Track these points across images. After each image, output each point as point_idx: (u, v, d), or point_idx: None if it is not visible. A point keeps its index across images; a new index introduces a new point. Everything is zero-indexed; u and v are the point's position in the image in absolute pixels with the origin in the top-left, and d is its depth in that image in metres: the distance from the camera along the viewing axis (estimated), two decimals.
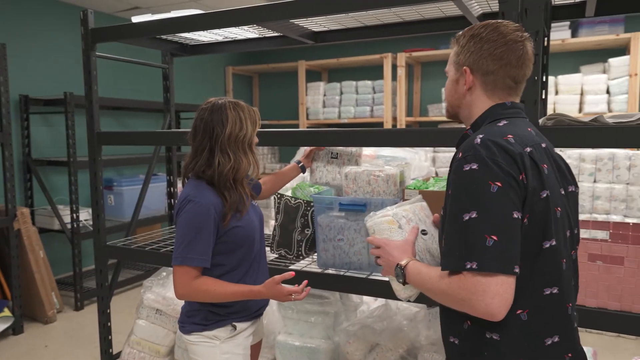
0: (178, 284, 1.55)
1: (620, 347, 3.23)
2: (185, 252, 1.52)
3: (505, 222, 1.00)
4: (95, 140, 2.48)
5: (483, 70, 1.17)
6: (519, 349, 1.06)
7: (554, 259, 1.07)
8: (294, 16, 2.00)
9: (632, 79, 4.17)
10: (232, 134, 1.57)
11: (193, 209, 1.53)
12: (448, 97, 1.27)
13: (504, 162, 1.03)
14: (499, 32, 1.15)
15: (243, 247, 1.63)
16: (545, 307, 1.07)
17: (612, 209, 3.34)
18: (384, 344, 2.04)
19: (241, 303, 1.63)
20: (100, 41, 2.43)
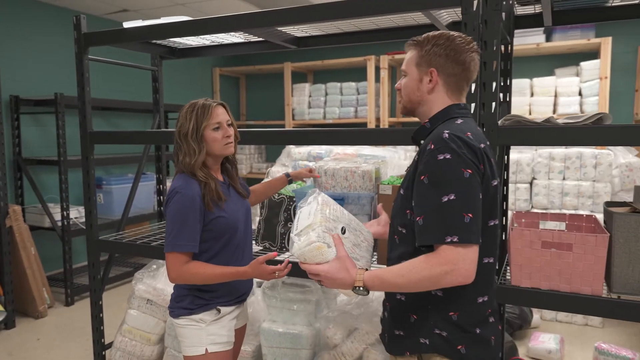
0: (170, 269, 1.70)
1: (586, 335, 3.42)
2: (175, 240, 1.67)
3: (477, 202, 1.22)
4: (88, 139, 2.60)
5: (448, 72, 1.35)
6: (457, 304, 1.29)
7: (493, 235, 1.31)
8: (277, 24, 2.15)
9: (602, 81, 4.38)
10: (182, 129, 1.74)
11: (179, 199, 1.68)
12: (409, 94, 1.41)
13: (469, 154, 1.23)
14: (458, 42, 1.34)
15: (226, 236, 1.77)
16: (481, 272, 1.27)
17: (579, 204, 3.53)
18: (361, 328, 2.19)
19: (225, 288, 1.78)
20: (92, 45, 2.55)
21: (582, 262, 1.70)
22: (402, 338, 1.36)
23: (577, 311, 1.74)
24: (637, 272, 1.69)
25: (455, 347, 1.29)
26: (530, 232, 1.76)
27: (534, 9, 2.15)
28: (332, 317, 2.26)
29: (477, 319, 1.31)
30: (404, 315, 1.35)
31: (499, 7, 1.73)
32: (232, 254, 1.81)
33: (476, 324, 1.31)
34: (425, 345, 1.31)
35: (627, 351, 2.74)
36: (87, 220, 2.66)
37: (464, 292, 1.27)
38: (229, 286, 1.79)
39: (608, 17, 2.10)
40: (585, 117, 1.73)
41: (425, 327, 1.31)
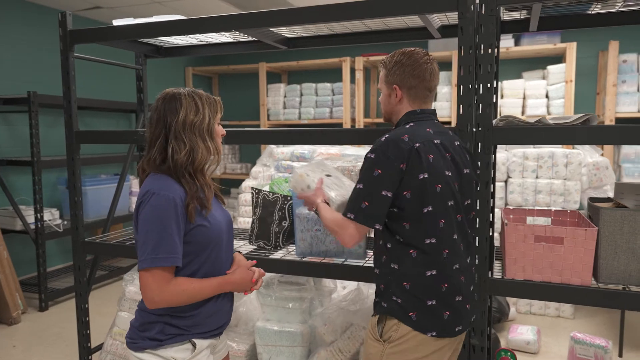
0: (152, 290, 1.37)
1: (560, 326, 3.59)
2: (155, 252, 1.36)
3: (376, 195, 1.50)
4: (74, 139, 2.54)
5: (408, 86, 1.64)
6: (409, 276, 1.53)
7: (431, 220, 1.52)
8: (273, 24, 2.16)
9: (567, 84, 4.60)
10: (187, 119, 1.45)
11: (157, 202, 1.38)
12: (384, 107, 1.73)
13: (392, 155, 1.49)
14: (414, 58, 1.63)
15: (207, 250, 1.48)
16: (426, 251, 1.52)
17: (552, 202, 3.70)
18: (357, 324, 2.24)
19: (202, 316, 1.49)
20: (79, 42, 2.50)
21: (573, 254, 1.81)
22: (377, 302, 1.62)
23: (568, 301, 1.84)
24: (622, 263, 1.80)
25: (407, 314, 1.52)
26: (524, 227, 1.85)
27: (520, 15, 2.25)
28: (328, 313, 2.30)
29: (430, 292, 1.52)
30: (378, 284, 1.62)
31: (494, 12, 1.81)
32: (215, 273, 1.52)
33: (428, 295, 1.52)
34: (385, 308, 1.56)
35: (600, 340, 2.90)
36: (72, 221, 2.60)
37: (414, 267, 1.53)
38: (207, 313, 1.50)
39: (588, 24, 2.22)
40: (574, 118, 1.83)
41: (387, 293, 1.56)
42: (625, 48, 4.61)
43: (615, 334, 3.35)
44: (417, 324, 1.51)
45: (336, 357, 2.23)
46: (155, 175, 1.46)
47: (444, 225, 1.53)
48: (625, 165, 4.44)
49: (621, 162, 4.50)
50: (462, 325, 1.57)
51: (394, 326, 1.54)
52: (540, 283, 1.83)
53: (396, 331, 1.54)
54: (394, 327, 1.54)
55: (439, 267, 1.52)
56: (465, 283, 1.58)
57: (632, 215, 1.78)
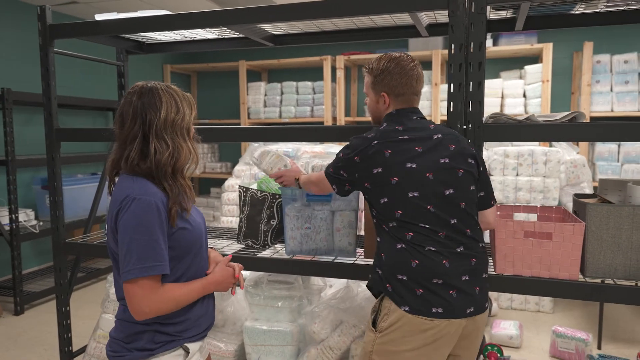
0: (140, 302, 1.30)
1: (540, 320, 3.67)
2: (141, 262, 1.29)
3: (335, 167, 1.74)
4: (54, 136, 2.47)
5: (396, 93, 1.72)
6: (396, 266, 1.60)
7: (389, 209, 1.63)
8: (263, 21, 2.14)
9: (544, 84, 4.70)
10: (169, 118, 1.37)
11: (139, 208, 1.30)
12: (372, 112, 1.83)
13: (351, 146, 1.70)
14: (402, 65, 1.70)
15: (191, 253, 1.43)
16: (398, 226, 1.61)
17: (532, 199, 3.77)
18: (347, 321, 2.23)
19: (192, 319, 1.45)
20: (59, 37, 2.42)
21: (561, 249, 1.84)
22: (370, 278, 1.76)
23: (557, 295, 1.87)
24: (608, 257, 1.85)
25: (385, 285, 1.62)
26: (514, 223, 1.88)
27: (506, 14, 2.28)
28: (318, 312, 2.29)
29: (400, 266, 1.59)
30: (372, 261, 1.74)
31: (484, 11, 1.83)
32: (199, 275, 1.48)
33: (399, 269, 1.59)
34: (370, 280, 1.71)
35: (581, 333, 2.97)
36: (53, 221, 2.52)
37: (390, 238, 1.63)
38: (196, 316, 1.46)
39: (571, 23, 2.26)
40: (562, 115, 1.87)
41: (374, 266, 1.70)
42: (598, 49, 4.74)
43: (592, 326, 3.45)
44: (392, 296, 1.59)
45: (327, 355, 2.22)
46: (129, 177, 1.37)
47: (402, 215, 1.60)
48: (599, 163, 4.56)
49: (595, 160, 4.62)
50: (442, 309, 1.54)
51: (384, 316, 1.60)
52: (530, 278, 1.86)
53: (385, 320, 1.59)
54: (384, 317, 1.60)
55: (406, 243, 1.60)
56: (450, 269, 1.57)
57: (617, 211, 1.82)
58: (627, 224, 1.81)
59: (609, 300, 1.81)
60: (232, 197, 4.06)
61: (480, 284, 1.63)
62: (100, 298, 4.17)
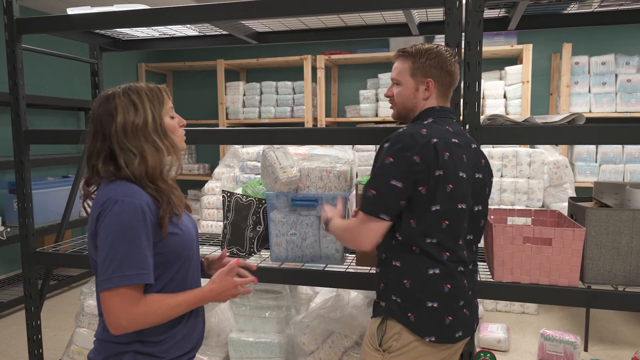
0: (118, 313, 1.18)
1: (525, 322, 3.65)
2: (121, 270, 1.17)
3: (384, 184, 1.42)
4: (23, 139, 2.31)
5: (441, 82, 1.55)
6: (411, 273, 1.47)
7: (435, 219, 1.44)
8: (248, 17, 2.03)
9: (524, 85, 4.71)
10: (127, 123, 1.25)
11: (121, 210, 1.20)
12: (404, 102, 1.59)
13: (406, 145, 1.41)
14: (447, 54, 1.54)
15: (180, 260, 1.32)
16: (428, 250, 1.46)
17: (516, 200, 3.76)
18: (338, 332, 2.14)
19: (177, 338, 1.33)
20: (26, 32, 2.26)
21: (560, 255, 1.79)
22: (376, 304, 1.57)
23: (556, 303, 1.82)
24: (607, 263, 1.80)
25: (405, 314, 1.46)
26: (513, 228, 1.82)
27: (499, 13, 2.23)
28: (307, 322, 2.20)
29: (431, 292, 1.45)
30: (378, 284, 1.57)
31: (481, 9, 1.77)
32: (186, 286, 1.35)
33: (429, 296, 1.45)
34: (383, 308, 1.50)
35: (569, 335, 2.95)
36: (21, 229, 2.35)
37: (416, 264, 1.47)
38: (182, 334, 1.34)
39: (564, 23, 2.23)
40: (561, 117, 1.82)
41: (387, 292, 1.51)
42: (577, 50, 4.77)
43: (578, 327, 3.44)
44: (414, 326, 1.45)
45: None
46: (115, 182, 1.26)
47: (447, 227, 1.45)
48: (578, 164, 4.60)
49: (574, 161, 4.65)
50: (462, 331, 1.49)
51: (394, 335, 1.46)
52: (530, 285, 1.80)
53: (397, 340, 1.46)
54: (395, 337, 1.46)
55: (441, 267, 1.46)
56: (468, 288, 1.53)
57: (617, 215, 1.78)
58: (627, 228, 1.78)
59: (611, 308, 1.76)
60: (212, 201, 3.92)
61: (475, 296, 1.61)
62: (73, 307, 3.97)
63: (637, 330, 3.48)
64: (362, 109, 5.25)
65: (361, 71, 5.63)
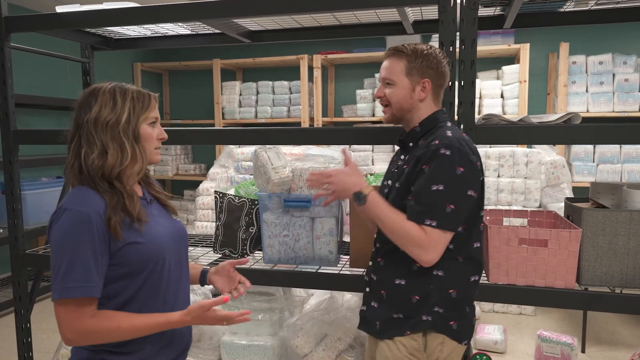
0: (63, 325, 1.16)
1: (522, 323, 3.62)
2: (64, 281, 1.14)
3: (461, 196, 1.37)
4: (12, 139, 2.27)
5: (437, 83, 1.52)
6: (455, 282, 1.44)
7: (479, 223, 1.49)
8: (240, 15, 2.00)
9: (521, 85, 4.69)
10: (100, 116, 1.24)
11: (67, 219, 1.16)
12: (400, 103, 1.52)
13: (470, 152, 1.39)
14: (441, 56, 1.52)
15: (144, 272, 1.24)
16: (474, 255, 1.47)
17: (513, 200, 3.73)
18: (332, 334, 2.11)
19: (147, 349, 1.25)
20: (16, 31, 2.22)
21: (557, 257, 1.76)
22: (402, 320, 1.46)
23: (552, 305, 1.80)
24: (604, 264, 1.78)
25: (448, 323, 1.43)
26: (508, 230, 1.79)
27: (494, 12, 2.20)
28: (300, 324, 2.16)
29: (469, 298, 1.48)
30: (405, 297, 1.46)
31: (476, 7, 1.74)
32: (158, 299, 1.27)
33: (467, 302, 1.48)
34: (428, 322, 1.43)
35: (566, 337, 2.93)
36: (11, 231, 2.32)
37: (463, 272, 1.45)
38: (156, 346, 1.27)
39: (560, 22, 2.20)
40: (556, 116, 1.79)
41: (428, 305, 1.43)
42: (574, 50, 4.75)
43: (575, 328, 3.42)
44: (455, 334, 1.44)
45: None
46: (76, 187, 1.24)
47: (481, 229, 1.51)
48: (576, 164, 4.57)
49: (572, 161, 4.63)
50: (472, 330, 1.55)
51: (438, 346, 1.43)
52: (525, 287, 1.78)
53: (441, 351, 1.43)
54: (438, 348, 1.43)
55: (479, 271, 1.50)
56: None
57: (613, 216, 1.75)
58: (624, 229, 1.75)
59: (608, 310, 1.74)
60: (207, 201, 3.89)
61: None
62: None
63: (635, 332, 3.46)
64: (359, 109, 5.22)
65: (358, 71, 5.60)
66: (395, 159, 1.63)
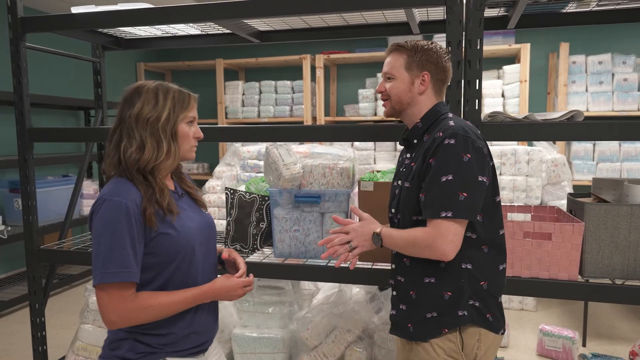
0: (107, 310, 1.24)
1: (524, 319, 3.68)
2: (105, 267, 1.22)
3: (473, 183, 1.36)
4: (27, 137, 2.32)
5: (437, 77, 1.53)
6: (484, 273, 1.44)
7: (500, 209, 1.49)
8: (252, 15, 2.05)
9: (522, 84, 4.75)
10: (142, 113, 1.31)
11: (107, 209, 1.25)
12: (400, 96, 1.53)
13: (475, 139, 1.39)
14: (442, 51, 1.54)
15: (176, 261, 1.32)
16: (499, 243, 1.48)
17: (515, 198, 3.79)
18: (341, 327, 2.17)
19: (178, 334, 1.35)
20: (32, 31, 2.28)
21: (560, 250, 1.82)
22: (436, 318, 1.43)
23: (556, 296, 1.86)
24: (606, 257, 1.84)
25: (485, 316, 1.43)
26: (513, 224, 1.85)
27: (498, 12, 2.26)
28: (310, 317, 2.22)
29: (500, 287, 1.48)
30: (437, 295, 1.43)
31: (482, 7, 1.79)
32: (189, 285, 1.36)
33: (499, 292, 1.47)
34: (464, 317, 1.41)
35: (568, 331, 2.99)
36: (25, 227, 2.37)
37: (490, 261, 1.45)
38: (184, 331, 1.36)
39: (562, 22, 2.26)
40: (560, 114, 1.85)
41: (462, 300, 1.41)
42: (574, 50, 4.82)
43: (575, 323, 3.48)
44: (491, 325, 1.43)
45: None
46: (115, 179, 1.33)
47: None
48: (576, 162, 4.64)
49: (572, 159, 4.69)
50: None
51: (475, 343, 1.41)
52: (530, 279, 1.83)
53: (479, 348, 1.42)
54: (476, 345, 1.42)
55: (506, 259, 1.50)
56: None
57: (615, 210, 1.81)
58: (625, 223, 1.81)
59: (610, 301, 1.79)
60: (213, 199, 3.94)
61: None
62: (73, 306, 3.99)
63: (634, 326, 3.52)
64: (361, 108, 5.28)
65: (360, 70, 5.66)
66: (402, 159, 1.64)
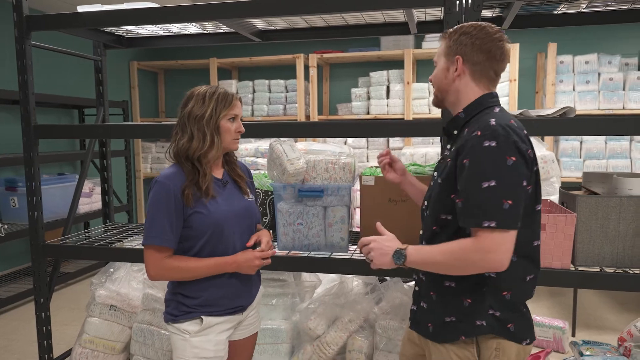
0: (147, 265, 1.59)
1: None
2: (148, 232, 1.56)
3: (517, 189, 1.24)
4: (32, 134, 2.36)
5: (473, 61, 1.36)
6: (509, 283, 1.34)
7: (539, 219, 1.38)
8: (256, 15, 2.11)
9: (511, 83, 4.85)
10: (192, 112, 1.59)
11: (156, 189, 1.57)
12: (437, 83, 1.44)
13: (518, 140, 1.25)
14: (486, 31, 1.36)
15: (206, 236, 1.59)
16: (531, 253, 1.38)
17: None
18: (343, 317, 2.24)
19: (210, 296, 1.62)
20: (37, 29, 2.31)
21: (554, 240, 1.91)
22: (455, 323, 1.36)
23: (550, 284, 1.94)
24: (597, 247, 1.93)
25: (506, 326, 1.34)
26: None
27: (492, 13, 2.35)
28: (313, 308, 2.29)
29: (525, 298, 1.38)
30: (456, 300, 1.36)
31: (480, 8, 1.88)
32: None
33: (524, 300, 1.38)
34: (483, 327, 1.33)
35: (558, 321, 3.09)
36: (31, 222, 2.40)
37: (517, 272, 1.34)
38: (217, 294, 1.63)
39: (553, 23, 2.36)
40: (553, 110, 1.94)
41: (481, 309, 1.33)
42: (562, 50, 4.94)
43: (564, 315, 3.59)
44: (514, 335, 1.34)
45: (324, 351, 2.22)
46: (171, 165, 1.63)
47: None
48: (563, 160, 4.76)
49: (559, 157, 4.82)
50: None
51: (494, 352, 1.34)
52: None
53: (497, 356, 1.34)
54: (495, 353, 1.34)
55: (536, 270, 1.40)
56: None
57: (605, 202, 1.91)
58: (615, 214, 1.90)
59: (599, 288, 1.89)
60: None
61: None
62: (71, 303, 4.01)
63: (621, 317, 3.64)
64: (353, 107, 5.35)
65: (353, 70, 5.74)
66: (443, 150, 1.61)
